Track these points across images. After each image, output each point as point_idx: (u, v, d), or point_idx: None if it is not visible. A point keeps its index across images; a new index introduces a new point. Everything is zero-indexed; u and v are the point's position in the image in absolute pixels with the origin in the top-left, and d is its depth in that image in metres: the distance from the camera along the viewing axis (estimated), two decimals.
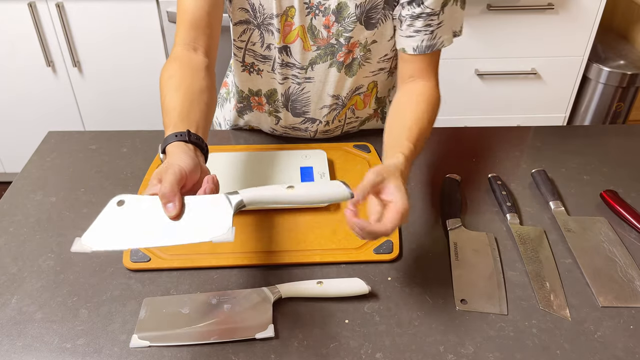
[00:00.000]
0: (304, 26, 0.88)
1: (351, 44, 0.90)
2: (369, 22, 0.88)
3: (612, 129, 1.15)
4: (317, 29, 0.89)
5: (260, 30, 0.90)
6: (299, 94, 0.98)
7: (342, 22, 0.87)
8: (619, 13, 2.23)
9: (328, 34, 0.89)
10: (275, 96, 0.99)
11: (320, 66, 0.93)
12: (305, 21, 0.88)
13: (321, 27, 0.88)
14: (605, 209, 0.90)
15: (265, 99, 1.01)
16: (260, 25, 0.90)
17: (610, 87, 2.03)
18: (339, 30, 0.88)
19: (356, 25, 0.87)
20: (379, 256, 0.79)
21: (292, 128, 1.05)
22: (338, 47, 0.90)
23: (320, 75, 0.94)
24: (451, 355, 0.66)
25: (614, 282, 0.76)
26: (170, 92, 0.77)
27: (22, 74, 2.00)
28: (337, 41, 0.90)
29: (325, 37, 0.90)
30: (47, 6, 1.85)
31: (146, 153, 1.03)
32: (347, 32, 0.88)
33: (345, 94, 0.98)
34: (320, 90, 0.97)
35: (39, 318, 0.71)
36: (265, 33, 0.90)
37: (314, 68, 0.93)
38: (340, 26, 0.88)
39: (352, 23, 0.87)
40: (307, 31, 0.89)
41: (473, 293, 0.74)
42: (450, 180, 0.94)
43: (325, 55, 0.92)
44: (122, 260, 0.79)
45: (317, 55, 0.92)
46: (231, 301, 0.73)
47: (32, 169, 0.99)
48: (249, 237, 0.83)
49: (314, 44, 0.90)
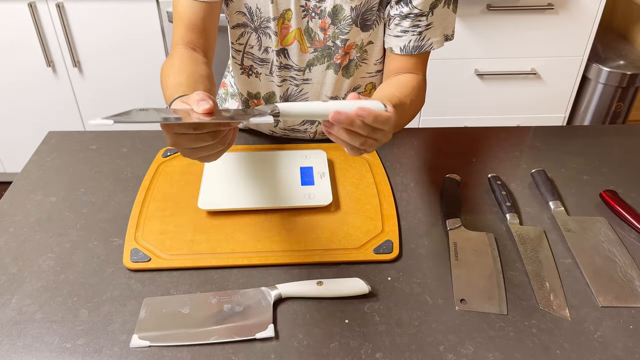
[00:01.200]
0: (300, 29, 0.89)
1: (347, 45, 0.90)
2: (365, 24, 0.88)
3: (612, 129, 1.15)
4: (314, 31, 0.89)
5: (258, 33, 0.90)
6: (297, 96, 0.98)
7: (338, 25, 0.88)
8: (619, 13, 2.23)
9: (324, 36, 0.89)
10: (273, 99, 0.99)
11: (317, 68, 0.93)
12: (301, 24, 0.88)
13: (317, 29, 0.89)
14: (605, 209, 0.90)
15: (264, 102, 1.01)
16: (258, 28, 0.90)
17: (610, 87, 2.03)
18: (335, 32, 0.88)
19: (352, 28, 0.88)
20: (379, 256, 0.79)
21: (292, 130, 1.05)
22: (335, 49, 0.91)
23: (318, 77, 0.95)
24: (451, 355, 0.67)
25: (613, 282, 0.76)
26: (173, 74, 0.76)
27: (22, 74, 2.00)
28: (333, 43, 0.90)
29: (321, 40, 0.90)
30: (47, 6, 1.85)
31: (146, 153, 1.03)
32: (343, 35, 0.88)
33: (343, 95, 0.98)
34: (319, 92, 0.97)
35: (39, 318, 0.71)
36: (263, 36, 0.90)
37: (312, 70, 0.94)
38: (336, 28, 0.88)
39: (347, 25, 0.87)
40: (303, 33, 0.89)
41: (473, 293, 0.75)
42: (450, 180, 0.94)
43: (322, 57, 0.92)
44: (122, 260, 0.79)
45: (315, 57, 0.92)
46: (231, 301, 0.73)
47: (32, 169, 0.99)
48: (249, 237, 0.83)
49: (310, 46, 0.91)
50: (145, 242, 0.81)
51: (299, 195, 0.89)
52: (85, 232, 0.85)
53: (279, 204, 0.87)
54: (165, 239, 0.82)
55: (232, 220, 0.86)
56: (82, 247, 0.82)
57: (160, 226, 0.85)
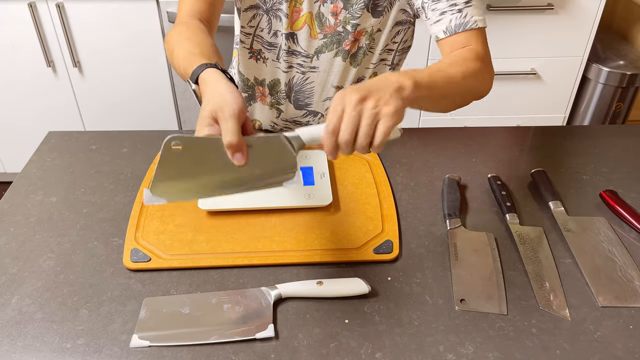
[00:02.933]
0: (311, 13, 0.89)
1: (357, 32, 0.90)
2: (376, 9, 0.88)
3: (612, 129, 1.15)
4: (325, 16, 0.89)
5: (269, 15, 0.91)
6: (302, 85, 0.98)
7: (349, 9, 0.88)
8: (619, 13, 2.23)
9: (335, 21, 0.89)
10: (278, 87, 0.99)
11: (325, 55, 0.93)
12: (313, 8, 0.88)
13: (329, 14, 0.89)
14: (604, 209, 0.90)
15: (268, 90, 1.00)
16: (269, 10, 0.90)
17: (609, 87, 2.03)
18: (346, 17, 0.89)
19: (363, 12, 0.88)
20: (379, 256, 0.79)
21: (293, 122, 1.05)
22: (345, 35, 0.91)
23: (325, 65, 0.95)
24: (451, 355, 0.67)
25: (613, 282, 0.76)
26: (185, 41, 0.76)
27: (22, 74, 2.00)
28: (343, 29, 0.90)
29: (332, 25, 0.90)
30: (47, 6, 1.85)
31: (146, 153, 1.03)
32: (354, 20, 0.88)
33: (349, 85, 0.98)
34: (324, 81, 0.97)
35: (39, 318, 0.71)
36: (274, 19, 0.91)
37: (320, 57, 0.94)
38: (347, 13, 0.88)
39: (359, 10, 0.87)
40: (314, 18, 0.89)
41: (473, 293, 0.75)
42: (450, 180, 0.94)
43: (331, 44, 0.92)
44: (122, 260, 0.79)
45: (323, 44, 0.92)
46: (231, 301, 0.73)
47: (32, 169, 0.99)
48: (249, 237, 0.83)
49: (320, 31, 0.91)
50: (145, 242, 0.81)
51: (299, 195, 0.89)
52: (85, 232, 0.85)
53: (279, 204, 0.87)
54: (165, 239, 0.82)
55: (232, 220, 0.86)
56: (82, 247, 0.82)
57: (160, 226, 0.85)
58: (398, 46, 0.97)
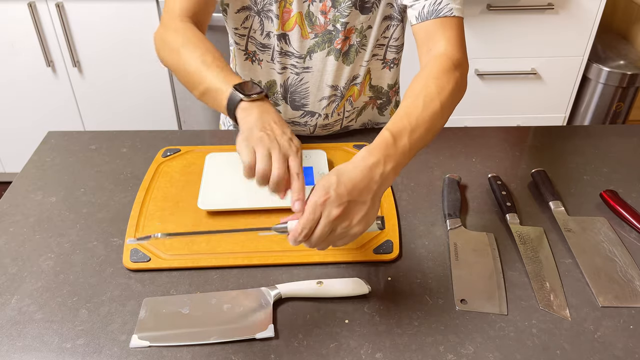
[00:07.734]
0: (301, 13, 0.90)
1: (347, 29, 0.91)
2: (364, 6, 0.89)
3: (612, 129, 1.15)
4: (315, 15, 0.90)
5: (260, 17, 0.91)
6: (297, 85, 0.98)
7: (338, 8, 0.89)
8: (619, 13, 2.23)
9: (325, 20, 0.90)
10: (274, 88, 0.99)
11: (318, 55, 0.94)
12: (302, 8, 0.89)
13: (318, 13, 0.90)
14: (605, 209, 0.90)
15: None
16: (261, 11, 0.90)
17: (610, 87, 2.03)
18: (335, 15, 0.89)
19: (352, 10, 0.89)
20: (379, 256, 0.79)
21: (292, 122, 1.05)
22: (335, 33, 0.91)
23: (319, 65, 0.95)
24: (451, 355, 0.66)
25: (613, 282, 0.76)
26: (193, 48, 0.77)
27: (22, 74, 2.00)
28: (334, 27, 0.91)
29: (322, 24, 0.91)
30: (47, 6, 1.85)
31: (146, 153, 1.03)
32: (343, 18, 0.89)
33: (344, 84, 0.99)
34: (319, 81, 0.97)
35: (39, 318, 0.71)
36: (265, 20, 0.91)
37: (312, 57, 0.94)
38: (336, 11, 0.89)
39: (347, 8, 0.89)
40: (304, 18, 0.90)
41: (473, 293, 0.74)
42: (450, 180, 0.94)
43: (323, 43, 0.92)
44: (122, 260, 0.79)
45: (315, 44, 0.93)
46: (231, 301, 0.73)
47: (32, 169, 0.99)
48: (249, 237, 0.83)
49: (311, 31, 0.91)
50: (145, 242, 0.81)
51: None
52: (85, 232, 0.85)
53: (279, 204, 0.87)
54: (165, 239, 0.82)
55: (232, 220, 0.86)
56: (82, 247, 0.82)
57: (161, 226, 0.84)
58: (389, 41, 0.97)
